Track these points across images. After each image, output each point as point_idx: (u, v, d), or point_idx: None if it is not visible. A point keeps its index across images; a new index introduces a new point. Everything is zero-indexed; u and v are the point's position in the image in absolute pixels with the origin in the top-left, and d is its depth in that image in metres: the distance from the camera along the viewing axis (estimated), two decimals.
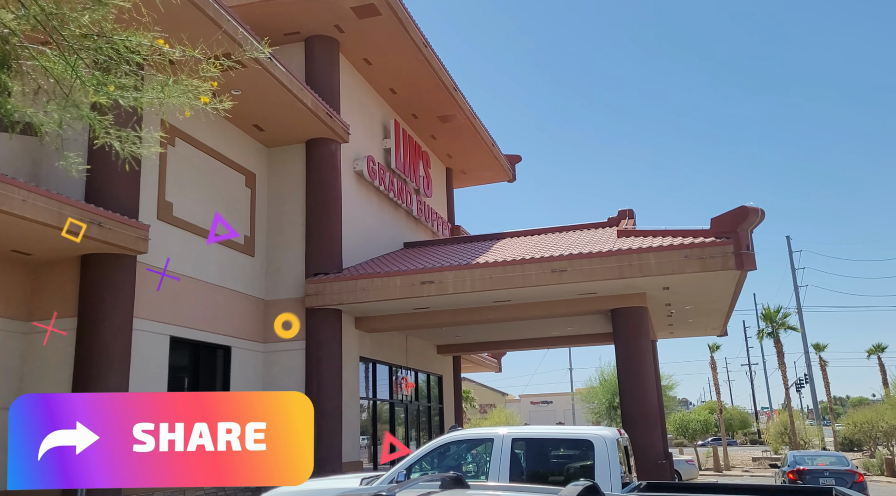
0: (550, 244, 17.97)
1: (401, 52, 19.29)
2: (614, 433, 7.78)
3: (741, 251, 14.46)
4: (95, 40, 5.33)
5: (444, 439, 8.63)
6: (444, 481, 3.75)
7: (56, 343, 12.15)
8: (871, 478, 29.90)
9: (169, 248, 13.76)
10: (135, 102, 5.62)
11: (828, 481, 17.11)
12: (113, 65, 5.45)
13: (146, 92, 5.59)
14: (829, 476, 17.44)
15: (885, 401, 35.82)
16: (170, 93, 5.52)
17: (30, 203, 10.18)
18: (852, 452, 40.82)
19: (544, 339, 24.60)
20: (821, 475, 17.58)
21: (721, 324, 23.14)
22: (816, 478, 17.43)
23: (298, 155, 17.56)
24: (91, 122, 5.66)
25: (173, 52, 5.60)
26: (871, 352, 42.52)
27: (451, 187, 27.94)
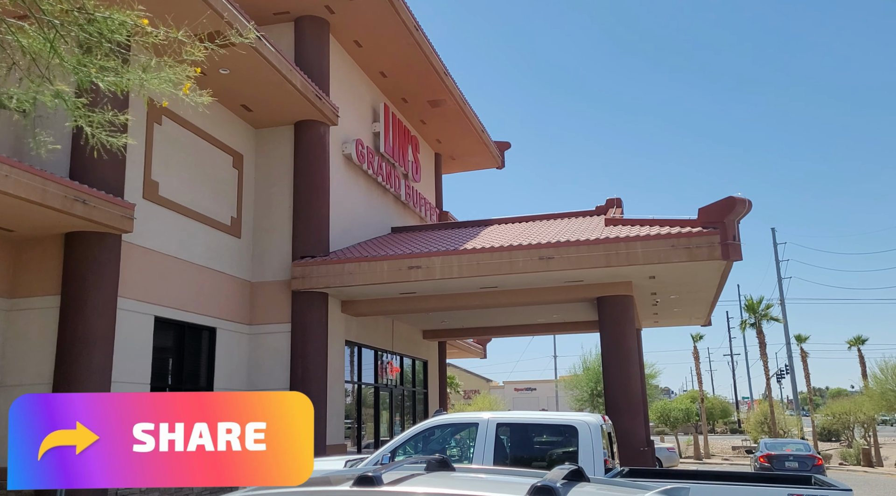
0: (538, 231, 17.98)
1: (391, 34, 19.13)
2: (598, 419, 7.82)
3: (727, 241, 14.53)
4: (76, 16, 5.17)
5: (428, 423, 8.65)
6: (430, 463, 3.75)
7: (39, 321, 12.04)
8: (847, 467, 30.38)
9: (154, 228, 13.64)
10: (114, 86, 5.45)
11: (792, 464, 20.39)
12: (94, 44, 5.29)
13: (125, 75, 5.43)
14: (793, 460, 20.54)
15: (863, 392, 36.30)
16: (150, 78, 5.37)
17: (12, 178, 10.03)
18: (830, 442, 41.44)
19: (530, 326, 24.69)
20: (787, 459, 20.67)
21: (705, 314, 23.31)
22: (783, 461, 20.68)
23: (287, 137, 17.42)
24: (64, 102, 5.48)
25: (157, 34, 5.42)
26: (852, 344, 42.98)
27: (439, 173, 27.87)
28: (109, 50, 5.42)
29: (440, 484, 3.25)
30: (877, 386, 32.99)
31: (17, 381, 11.90)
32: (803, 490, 6.21)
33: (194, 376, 14.97)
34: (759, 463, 21.01)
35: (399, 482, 3.20)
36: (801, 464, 20.31)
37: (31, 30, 5.18)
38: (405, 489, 3.09)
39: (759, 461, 21.05)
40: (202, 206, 15.19)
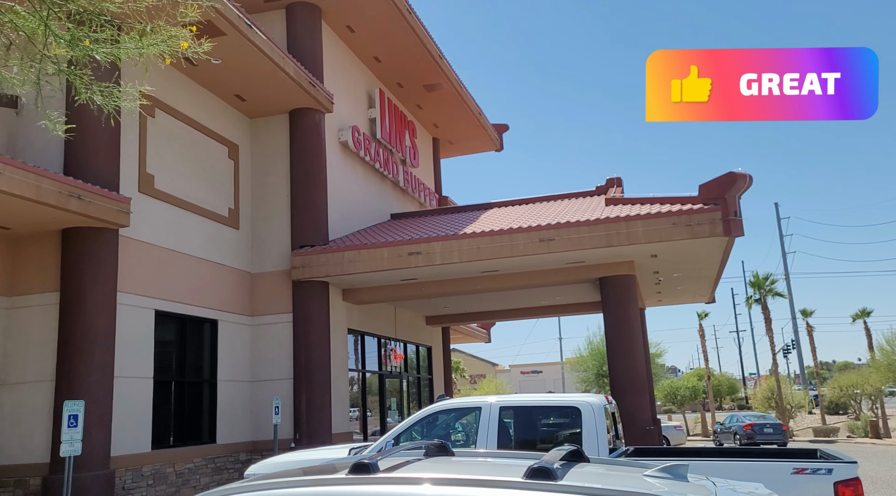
0: (538, 213, 17.88)
1: (384, 18, 18.94)
2: (601, 400, 7.76)
3: (729, 217, 14.42)
4: None
5: (432, 408, 8.60)
6: (429, 449, 3.70)
7: (39, 318, 12.01)
8: (855, 440, 30.41)
9: (151, 221, 13.57)
10: (112, 56, 5.37)
11: (768, 430, 27.57)
12: (86, 17, 5.20)
13: (123, 44, 5.34)
14: (769, 427, 27.79)
15: (870, 365, 36.28)
16: (148, 42, 5.27)
17: (5, 176, 9.95)
18: (837, 415, 41.50)
19: (533, 309, 24.65)
20: (764, 426, 27.76)
21: (709, 291, 23.23)
22: (762, 428, 27.67)
23: (282, 125, 17.30)
24: (69, 76, 5.41)
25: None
26: (857, 317, 42.96)
27: (437, 157, 27.72)
28: (105, 21, 5.32)
29: (438, 469, 3.20)
30: (883, 358, 32.98)
31: (19, 379, 11.89)
32: (808, 463, 6.15)
33: (197, 369, 14.96)
34: (744, 430, 27.81)
35: (395, 468, 3.15)
36: (775, 429, 27.72)
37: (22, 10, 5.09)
38: (401, 475, 3.04)
39: (744, 428, 27.91)
40: (199, 198, 15.11)
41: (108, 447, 11.76)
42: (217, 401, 15.05)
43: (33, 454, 11.57)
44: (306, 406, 15.72)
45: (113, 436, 11.90)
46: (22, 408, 11.78)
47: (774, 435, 27.31)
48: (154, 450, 13.11)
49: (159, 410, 13.45)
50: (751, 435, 27.33)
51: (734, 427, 29.20)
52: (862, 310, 42.69)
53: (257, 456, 14.64)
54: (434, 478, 2.97)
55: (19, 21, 5.08)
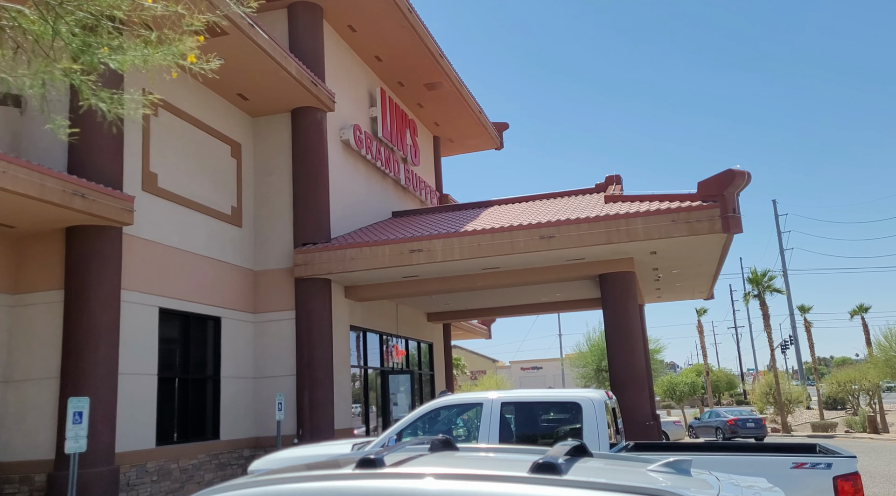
0: (538, 211, 17.97)
1: (385, 17, 19.00)
2: (602, 395, 7.86)
3: (728, 214, 14.51)
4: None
5: (433, 404, 8.69)
6: (433, 444, 3.77)
7: (43, 316, 12.11)
8: (853, 435, 30.54)
9: (155, 220, 13.66)
10: (119, 64, 5.42)
11: (750, 424, 29.81)
12: (94, 24, 5.24)
13: (129, 52, 5.39)
14: (750, 422, 29.98)
15: (867, 360, 36.39)
16: (154, 51, 5.31)
17: (10, 174, 10.04)
18: (835, 411, 41.62)
19: (533, 305, 24.74)
20: (747, 421, 30.02)
21: (708, 287, 23.33)
22: (745, 423, 29.86)
23: (284, 124, 17.38)
24: (74, 81, 5.45)
25: (155, 8, 5.37)
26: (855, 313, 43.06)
27: (438, 155, 27.79)
28: (113, 28, 5.36)
29: (443, 464, 3.27)
30: (881, 353, 33.08)
31: (25, 376, 11.99)
32: (807, 458, 6.24)
33: (201, 366, 15.06)
34: (728, 425, 29.95)
35: (401, 463, 3.22)
36: (756, 423, 29.93)
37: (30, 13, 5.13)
38: (408, 470, 3.11)
39: (728, 423, 30.00)
40: (202, 197, 15.20)
41: (113, 443, 11.87)
42: (220, 398, 15.17)
43: (38, 451, 11.68)
44: (309, 402, 15.84)
45: (117, 433, 12.01)
46: (27, 406, 11.89)
47: (755, 429, 29.89)
48: (158, 447, 13.22)
49: (163, 407, 13.56)
50: (734, 429, 29.88)
51: (714, 422, 31.37)
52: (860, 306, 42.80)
53: (261, 452, 14.75)
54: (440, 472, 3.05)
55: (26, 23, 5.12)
